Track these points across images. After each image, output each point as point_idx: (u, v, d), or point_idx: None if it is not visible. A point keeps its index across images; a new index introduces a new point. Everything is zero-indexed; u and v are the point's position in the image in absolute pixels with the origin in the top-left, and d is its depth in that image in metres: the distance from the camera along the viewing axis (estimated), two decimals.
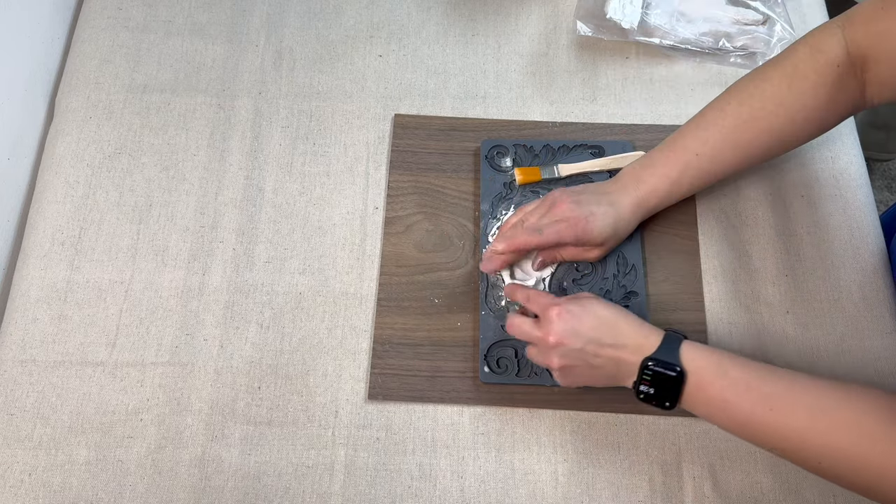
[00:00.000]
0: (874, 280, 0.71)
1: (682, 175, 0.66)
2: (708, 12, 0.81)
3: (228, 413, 0.67)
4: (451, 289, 0.71)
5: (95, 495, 0.64)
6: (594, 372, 0.60)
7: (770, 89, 0.63)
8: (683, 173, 0.65)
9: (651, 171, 0.66)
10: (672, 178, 0.66)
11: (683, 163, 0.65)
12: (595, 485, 0.64)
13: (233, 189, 0.75)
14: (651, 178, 0.66)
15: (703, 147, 0.65)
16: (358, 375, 0.68)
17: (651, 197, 0.66)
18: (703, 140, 0.65)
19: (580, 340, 0.58)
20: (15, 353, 0.69)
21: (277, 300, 0.71)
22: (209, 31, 0.83)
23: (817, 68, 0.61)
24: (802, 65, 0.62)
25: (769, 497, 0.63)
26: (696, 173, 0.66)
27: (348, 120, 0.79)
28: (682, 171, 0.65)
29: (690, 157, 0.65)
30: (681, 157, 0.65)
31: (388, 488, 0.64)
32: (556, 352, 0.59)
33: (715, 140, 0.64)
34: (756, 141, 0.64)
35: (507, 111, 0.79)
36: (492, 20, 0.84)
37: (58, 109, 0.80)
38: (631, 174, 0.67)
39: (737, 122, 0.64)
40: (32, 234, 0.74)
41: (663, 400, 0.57)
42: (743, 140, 0.64)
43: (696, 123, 0.66)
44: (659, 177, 0.66)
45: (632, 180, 0.67)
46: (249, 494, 0.64)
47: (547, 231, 0.65)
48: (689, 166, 0.65)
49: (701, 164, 0.65)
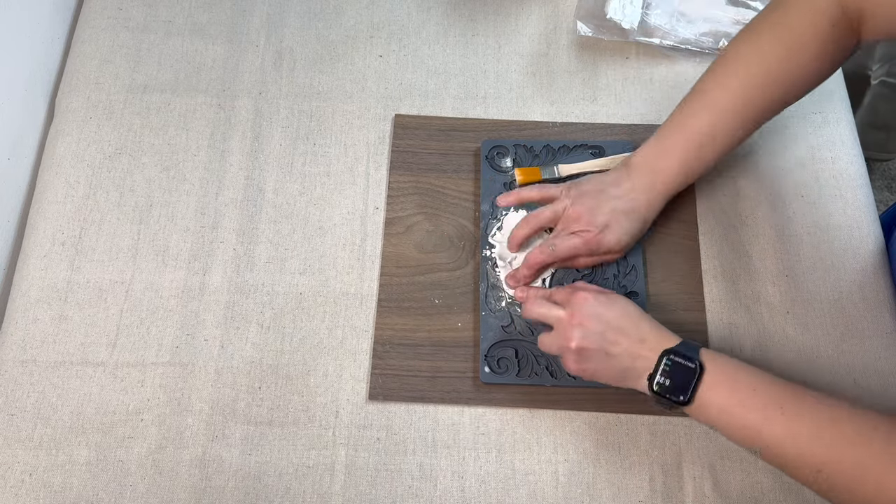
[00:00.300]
0: (874, 280, 0.71)
1: (698, 159, 0.66)
2: (708, 12, 0.81)
3: (229, 413, 0.67)
4: (451, 289, 0.71)
5: (96, 495, 0.64)
6: (609, 361, 0.60)
7: (769, 57, 0.62)
8: (700, 157, 0.65)
9: (667, 161, 0.66)
10: (689, 164, 0.66)
11: (697, 145, 0.65)
12: (595, 485, 0.64)
13: (233, 189, 0.76)
14: (669, 169, 0.66)
15: (714, 128, 0.64)
16: (358, 376, 0.68)
17: (670, 187, 0.67)
18: (714, 121, 0.64)
19: (603, 325, 0.59)
20: (15, 354, 0.69)
21: (278, 300, 0.71)
22: (209, 31, 0.83)
23: (813, 27, 0.61)
24: (798, 26, 0.61)
25: (769, 497, 0.64)
26: (712, 155, 0.66)
27: (349, 120, 0.79)
28: (697, 155, 0.65)
29: (704, 139, 0.65)
30: (694, 140, 0.65)
31: (389, 488, 0.64)
32: (577, 331, 0.59)
33: (726, 119, 0.64)
34: (763, 110, 0.65)
35: (507, 111, 0.79)
36: (492, 20, 0.84)
37: (58, 109, 0.80)
38: (645, 166, 0.67)
39: (744, 98, 0.64)
40: (33, 234, 0.74)
41: (678, 393, 0.57)
42: (752, 113, 0.64)
43: (702, 103, 0.66)
44: (676, 165, 0.66)
45: (647, 172, 0.66)
46: (250, 495, 0.64)
47: (560, 247, 0.66)
48: (705, 149, 0.65)
49: (715, 145, 0.65)
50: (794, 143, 0.77)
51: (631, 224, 0.66)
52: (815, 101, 0.78)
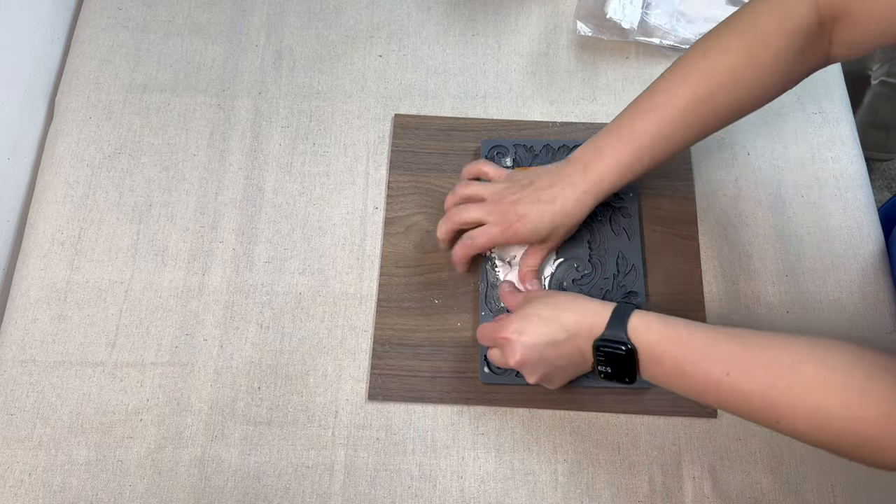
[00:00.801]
0: (874, 280, 0.71)
1: (634, 159, 0.63)
2: (708, 12, 0.81)
3: (228, 413, 0.67)
4: (451, 289, 0.71)
5: (95, 495, 0.64)
6: (567, 370, 0.60)
7: (728, 62, 0.59)
8: (636, 157, 0.63)
9: (601, 159, 0.63)
10: (624, 164, 0.63)
11: (635, 147, 0.62)
12: (595, 485, 0.64)
13: (233, 189, 0.75)
14: (601, 166, 0.63)
15: (656, 129, 0.61)
16: (358, 376, 0.68)
17: (601, 184, 0.64)
18: (655, 122, 0.61)
19: (536, 352, 0.58)
20: (15, 353, 0.69)
21: (277, 300, 0.71)
22: (209, 31, 0.83)
23: (783, 36, 0.57)
24: (768, 35, 0.58)
25: (769, 497, 0.63)
26: (650, 155, 0.63)
27: (348, 120, 0.79)
28: (634, 155, 0.62)
29: (644, 141, 0.62)
30: (634, 141, 0.62)
31: (388, 488, 0.64)
32: (525, 371, 0.60)
33: (668, 121, 0.61)
34: (711, 117, 0.61)
35: (507, 111, 0.79)
36: (492, 20, 0.84)
37: (58, 109, 0.80)
38: (579, 162, 0.65)
39: (690, 101, 0.60)
40: (32, 234, 0.74)
41: (623, 377, 0.57)
42: (698, 118, 0.61)
43: (647, 104, 0.63)
44: (610, 164, 0.63)
45: (579, 169, 0.64)
46: (249, 495, 0.64)
47: (478, 239, 0.66)
48: (642, 150, 0.62)
49: (654, 147, 0.62)
50: (794, 143, 0.77)
51: (551, 216, 0.64)
52: (815, 101, 0.79)
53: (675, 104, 0.61)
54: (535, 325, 0.59)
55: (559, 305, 0.59)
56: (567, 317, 0.58)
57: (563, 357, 0.59)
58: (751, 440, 0.65)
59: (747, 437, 0.65)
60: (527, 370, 0.60)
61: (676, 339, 0.54)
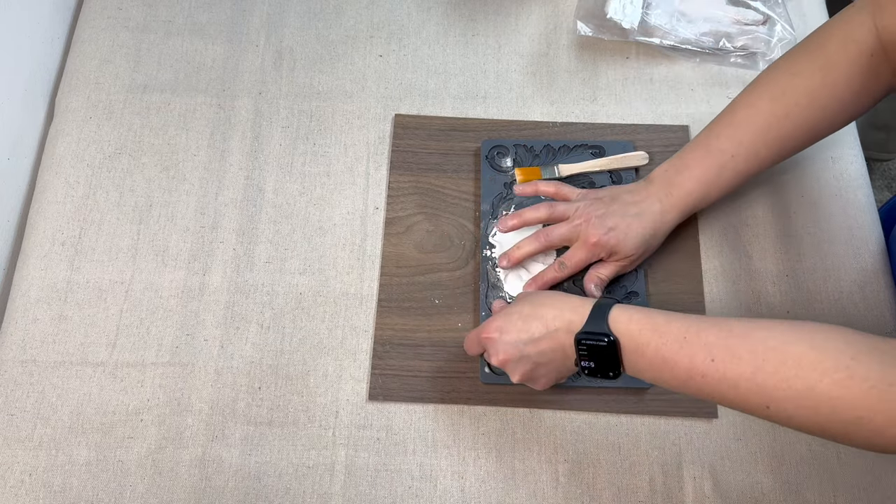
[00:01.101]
0: (874, 280, 0.71)
1: (718, 177, 0.65)
2: (708, 12, 0.81)
3: (229, 413, 0.67)
4: (451, 289, 0.71)
5: (96, 496, 0.64)
6: (549, 367, 0.59)
7: (803, 84, 0.62)
8: (720, 175, 0.65)
9: (686, 175, 0.65)
10: (708, 181, 0.65)
11: (719, 165, 0.64)
12: (595, 485, 0.64)
13: (233, 189, 0.75)
14: (686, 183, 0.65)
15: (738, 148, 0.64)
16: (358, 376, 0.68)
17: (686, 201, 0.66)
18: (737, 141, 0.64)
19: (517, 349, 0.58)
20: (15, 354, 0.69)
21: (278, 300, 0.71)
22: (209, 31, 0.83)
23: (850, 58, 0.60)
24: (835, 56, 0.60)
25: (769, 497, 0.64)
26: (732, 174, 0.65)
27: (348, 120, 0.79)
28: (718, 173, 0.65)
29: (726, 158, 0.64)
30: (716, 159, 0.64)
31: (389, 489, 0.64)
32: (508, 370, 0.60)
33: (749, 140, 0.64)
34: (790, 136, 0.64)
35: (507, 111, 0.79)
36: (492, 20, 0.84)
37: (58, 109, 0.80)
38: (663, 178, 0.66)
39: (770, 120, 0.63)
40: (32, 234, 0.73)
41: (607, 370, 0.56)
42: (777, 137, 0.63)
43: (728, 122, 0.65)
44: (694, 180, 0.65)
45: (663, 185, 0.66)
46: (250, 495, 0.64)
47: (571, 264, 0.67)
48: (725, 168, 0.64)
49: (737, 165, 0.64)
50: None
51: (640, 229, 0.65)
52: None
53: (754, 122, 0.63)
54: (514, 322, 0.59)
55: (540, 303, 0.59)
56: (547, 312, 0.58)
57: (544, 354, 0.58)
58: (751, 440, 0.65)
59: (748, 437, 0.65)
60: (509, 368, 0.60)
61: (657, 327, 0.54)
